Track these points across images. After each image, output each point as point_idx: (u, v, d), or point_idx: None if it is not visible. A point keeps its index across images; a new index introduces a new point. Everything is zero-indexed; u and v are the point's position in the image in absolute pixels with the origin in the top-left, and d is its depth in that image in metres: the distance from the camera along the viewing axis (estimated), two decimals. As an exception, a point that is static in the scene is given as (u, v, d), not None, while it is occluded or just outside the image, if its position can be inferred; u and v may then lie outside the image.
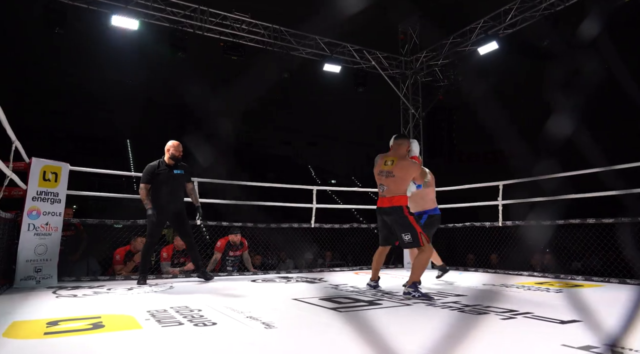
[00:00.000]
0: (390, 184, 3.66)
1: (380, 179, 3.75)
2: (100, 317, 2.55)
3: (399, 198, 3.62)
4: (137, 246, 5.26)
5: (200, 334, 2.12)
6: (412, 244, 3.54)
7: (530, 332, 2.21)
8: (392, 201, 3.64)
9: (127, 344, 1.97)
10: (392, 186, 3.66)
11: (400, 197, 3.63)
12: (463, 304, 3.02)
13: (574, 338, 1.98)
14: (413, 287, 3.40)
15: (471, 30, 8.46)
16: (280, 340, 2.06)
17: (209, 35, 7.93)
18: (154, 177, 4.50)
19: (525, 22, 7.58)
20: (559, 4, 7.01)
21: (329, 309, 2.86)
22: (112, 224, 5.15)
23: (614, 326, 2.22)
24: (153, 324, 2.35)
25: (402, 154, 3.74)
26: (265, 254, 6.73)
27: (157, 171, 4.51)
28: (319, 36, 8.73)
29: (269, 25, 8.28)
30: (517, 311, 2.71)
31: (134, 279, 4.91)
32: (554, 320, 2.41)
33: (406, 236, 3.54)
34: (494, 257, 6.31)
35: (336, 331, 2.25)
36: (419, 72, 9.80)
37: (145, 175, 4.52)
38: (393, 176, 3.65)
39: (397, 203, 3.61)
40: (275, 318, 2.51)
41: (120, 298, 3.41)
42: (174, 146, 4.63)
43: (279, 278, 5.20)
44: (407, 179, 3.67)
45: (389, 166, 3.69)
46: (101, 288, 4.05)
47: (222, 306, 2.92)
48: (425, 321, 2.57)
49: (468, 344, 1.90)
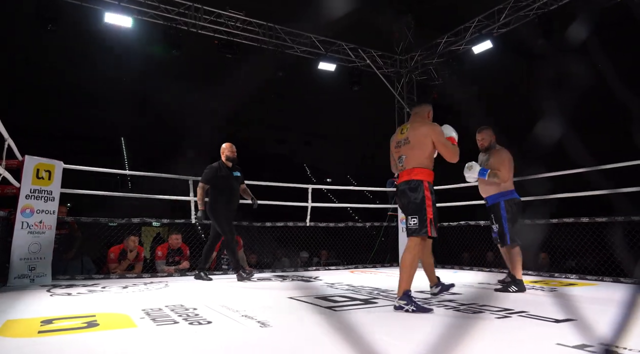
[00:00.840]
0: (408, 151, 2.94)
1: (397, 152, 3.02)
2: (94, 316, 2.53)
3: (419, 170, 2.88)
4: (130, 245, 5.23)
5: (196, 333, 2.12)
6: (415, 231, 2.82)
7: (525, 331, 2.22)
8: (411, 173, 2.90)
9: (122, 342, 1.96)
10: (409, 154, 2.93)
11: (422, 169, 2.88)
12: (458, 303, 3.03)
13: (569, 336, 1.99)
14: (405, 299, 2.67)
15: (465, 29, 8.49)
16: (276, 339, 2.06)
17: (203, 33, 7.90)
18: (215, 179, 4.66)
19: (519, 21, 7.62)
20: (552, 4, 7.05)
21: (325, 307, 2.86)
22: (106, 222, 5.13)
23: (609, 325, 2.24)
24: (148, 322, 2.34)
25: (420, 119, 3.07)
26: (260, 252, 6.73)
27: (218, 174, 4.68)
28: (313, 34, 8.72)
29: (263, 23, 8.26)
30: (512, 310, 2.73)
31: (128, 277, 4.90)
32: (549, 319, 2.43)
33: (412, 219, 2.84)
34: (490, 255, 6.34)
35: (332, 330, 2.25)
36: (414, 70, 9.82)
37: (205, 176, 4.68)
38: (409, 142, 2.94)
39: (418, 176, 2.87)
40: (271, 316, 2.51)
41: (115, 297, 3.39)
42: (228, 148, 4.79)
43: (275, 277, 5.20)
44: (425, 142, 2.89)
45: (404, 133, 3.00)
46: (95, 287, 4.03)
47: (217, 305, 2.91)
48: (420, 319, 2.58)
49: (463, 343, 1.90)
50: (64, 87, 16.11)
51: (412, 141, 2.93)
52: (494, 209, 3.82)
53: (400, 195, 2.99)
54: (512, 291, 3.55)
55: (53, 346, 1.89)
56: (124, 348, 1.89)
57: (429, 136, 2.90)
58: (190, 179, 5.51)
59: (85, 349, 1.85)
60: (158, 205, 5.73)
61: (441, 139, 2.91)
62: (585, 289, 3.95)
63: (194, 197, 5.47)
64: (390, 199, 7.08)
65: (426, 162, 2.92)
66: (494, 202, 3.82)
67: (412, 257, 2.79)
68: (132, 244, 5.26)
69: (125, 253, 5.24)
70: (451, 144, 2.98)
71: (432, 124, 2.99)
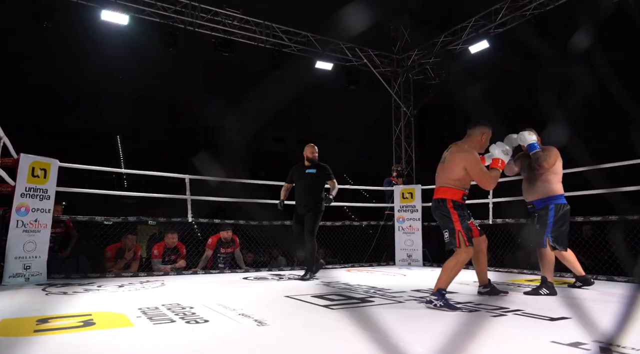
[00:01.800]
0: (440, 172, 3.14)
1: (439, 167, 3.20)
2: (90, 314, 2.53)
3: (444, 190, 3.06)
4: (127, 244, 5.22)
5: (192, 332, 2.12)
6: (448, 245, 3.01)
7: (521, 329, 2.24)
8: (438, 192, 3.10)
9: (118, 341, 1.96)
10: (440, 174, 3.13)
11: (447, 189, 3.04)
12: (454, 301, 3.04)
13: (564, 334, 2.01)
14: (437, 295, 2.82)
15: (462, 29, 8.50)
16: (273, 337, 2.06)
17: (200, 31, 7.87)
18: (290, 177, 5.03)
19: (515, 21, 7.64)
20: (549, 4, 7.08)
21: (321, 306, 2.87)
22: (102, 221, 5.11)
23: (603, 323, 2.26)
24: (144, 321, 2.34)
25: (470, 143, 3.13)
26: (257, 251, 6.72)
27: (292, 171, 5.05)
28: (310, 33, 8.71)
29: (260, 21, 8.24)
30: (507, 308, 2.74)
31: (124, 276, 4.89)
32: (544, 317, 2.44)
33: (445, 232, 3.02)
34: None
35: (328, 328, 2.25)
36: (411, 70, 9.83)
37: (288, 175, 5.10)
38: (444, 162, 3.12)
39: (442, 195, 3.06)
40: (268, 315, 2.51)
41: (111, 295, 3.39)
42: (306, 148, 5.03)
43: (271, 275, 5.20)
44: (455, 169, 3.02)
45: (447, 151, 3.16)
46: (91, 285, 4.02)
47: (214, 304, 2.91)
48: (416, 318, 2.59)
49: (460, 341, 1.91)
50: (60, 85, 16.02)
51: (447, 162, 3.08)
52: (541, 210, 3.54)
53: (432, 211, 3.19)
54: (543, 294, 3.39)
55: (49, 345, 1.88)
56: (120, 346, 1.89)
57: (461, 164, 3.00)
58: (187, 178, 5.50)
59: (82, 348, 1.85)
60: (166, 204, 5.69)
61: (475, 169, 2.98)
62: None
63: (190, 196, 5.46)
64: (388, 198, 7.09)
65: (453, 183, 3.04)
66: (543, 205, 3.53)
67: (455, 262, 2.93)
68: (130, 243, 5.24)
69: (123, 252, 5.23)
70: (487, 172, 3.03)
71: (469, 152, 3.03)
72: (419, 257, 6.47)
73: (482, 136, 3.13)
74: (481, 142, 3.13)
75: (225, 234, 5.71)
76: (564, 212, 3.47)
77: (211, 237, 5.73)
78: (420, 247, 6.48)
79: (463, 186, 3.06)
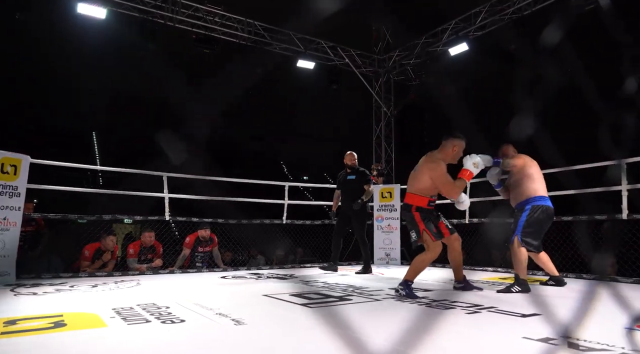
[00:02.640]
0: (410, 179, 3.43)
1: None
2: (62, 315, 2.46)
3: (412, 196, 3.36)
4: (107, 245, 5.10)
5: (169, 332, 2.09)
6: (414, 243, 3.36)
7: (494, 326, 2.28)
8: (406, 197, 3.43)
9: (91, 342, 1.92)
10: (410, 181, 3.42)
11: (414, 196, 3.34)
12: (430, 299, 3.09)
13: (534, 330, 2.06)
14: (403, 284, 3.19)
15: (442, 31, 8.62)
16: (251, 336, 2.05)
17: (181, 27, 7.76)
18: (338, 184, 5.47)
19: (494, 25, 7.79)
20: (526, 9, 7.24)
21: (300, 305, 2.87)
22: (76, 219, 4.98)
23: (571, 319, 2.33)
24: (118, 322, 2.29)
25: (441, 154, 3.37)
26: (235, 250, 6.67)
27: (338, 179, 5.49)
28: (292, 32, 8.69)
29: (242, 19, 8.18)
30: (481, 305, 2.80)
31: (98, 276, 4.78)
32: (516, 314, 2.50)
33: (412, 233, 3.35)
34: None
35: (307, 327, 2.26)
36: (392, 70, 9.91)
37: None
38: (416, 170, 3.41)
39: (409, 201, 3.37)
40: (246, 314, 2.50)
41: (84, 296, 3.31)
42: (345, 156, 5.43)
43: (250, 274, 5.17)
44: (422, 178, 3.32)
45: (421, 160, 3.44)
46: (63, 285, 3.92)
47: (190, 303, 2.88)
48: (393, 315, 2.62)
49: (435, 337, 1.94)
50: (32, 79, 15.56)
51: (417, 171, 3.38)
52: (517, 212, 3.62)
53: (401, 212, 3.67)
54: (515, 291, 3.42)
55: (17, 347, 1.83)
56: (93, 348, 1.85)
57: (428, 174, 3.29)
58: (165, 176, 5.42)
59: (52, 350, 1.80)
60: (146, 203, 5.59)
61: (440, 179, 3.25)
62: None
63: (168, 194, 5.38)
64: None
65: (420, 191, 3.33)
66: (520, 207, 3.60)
67: (422, 258, 3.27)
68: (111, 244, 5.11)
69: (100, 252, 5.09)
70: (452, 182, 3.27)
71: (437, 163, 3.28)
72: (397, 256, 6.53)
73: (454, 148, 3.35)
74: (452, 153, 3.35)
75: (203, 233, 5.65)
76: (540, 213, 3.48)
77: (189, 236, 5.66)
78: (398, 246, 6.54)
79: (429, 193, 3.34)
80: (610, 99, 1.06)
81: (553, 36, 2.18)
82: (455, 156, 3.37)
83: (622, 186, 4.37)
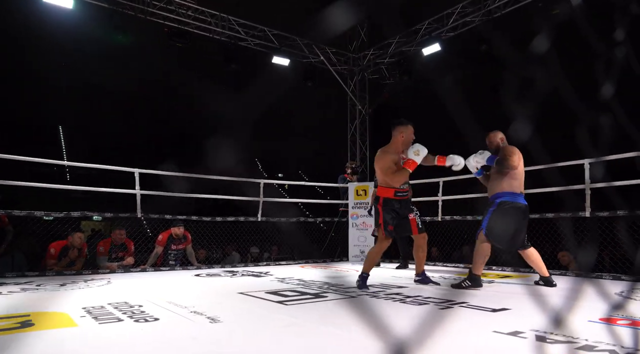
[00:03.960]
0: (376, 171, 3.70)
1: None
2: (29, 315, 2.38)
3: (380, 188, 3.64)
4: (75, 242, 4.94)
5: (142, 330, 2.05)
6: (373, 233, 3.74)
7: (465, 320, 2.35)
8: (377, 191, 3.69)
9: (60, 342, 1.86)
10: (376, 173, 3.68)
11: (381, 188, 3.63)
12: (405, 295, 3.15)
13: (504, 324, 2.14)
14: (360, 277, 3.54)
15: (416, 31, 8.74)
16: (226, 334, 2.04)
17: (152, 19, 7.57)
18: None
19: (466, 26, 7.96)
20: (496, 12, 7.43)
21: (276, 302, 2.87)
22: (42, 216, 4.81)
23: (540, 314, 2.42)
24: (89, 321, 2.24)
25: (392, 145, 3.62)
26: (209, 248, 6.59)
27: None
28: (267, 27, 8.62)
29: (216, 13, 8.05)
30: (454, 301, 2.87)
31: (66, 275, 4.64)
32: (486, 309, 2.59)
33: (373, 224, 3.75)
34: (434, 251, 6.61)
35: (283, 324, 2.26)
36: (366, 69, 9.98)
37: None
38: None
39: (378, 193, 3.66)
40: (221, 312, 2.48)
41: (52, 295, 3.21)
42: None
43: (224, 272, 5.13)
44: (377, 171, 3.62)
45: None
46: (29, 285, 3.78)
47: (164, 302, 2.84)
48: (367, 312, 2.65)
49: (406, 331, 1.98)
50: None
51: (375, 163, 3.63)
52: (487, 205, 3.62)
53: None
54: (465, 286, 3.48)
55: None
56: (63, 347, 1.80)
57: (377, 165, 3.59)
58: (136, 172, 5.30)
59: (19, 351, 1.74)
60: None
61: (384, 169, 3.53)
62: (519, 280, 4.23)
63: (140, 191, 5.27)
64: (342, 194, 7.18)
65: (384, 182, 3.58)
66: (491, 201, 3.60)
67: (372, 250, 3.69)
68: (78, 241, 4.95)
69: (67, 250, 4.93)
70: (394, 171, 3.51)
71: (382, 154, 3.57)
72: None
73: (401, 135, 3.56)
74: (402, 140, 3.56)
75: (176, 230, 5.56)
76: (509, 209, 3.46)
77: (162, 234, 5.56)
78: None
79: (394, 181, 3.55)
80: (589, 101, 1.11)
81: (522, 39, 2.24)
82: (406, 142, 3.56)
83: (586, 184, 4.56)
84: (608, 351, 1.65)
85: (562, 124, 4.49)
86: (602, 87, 1.11)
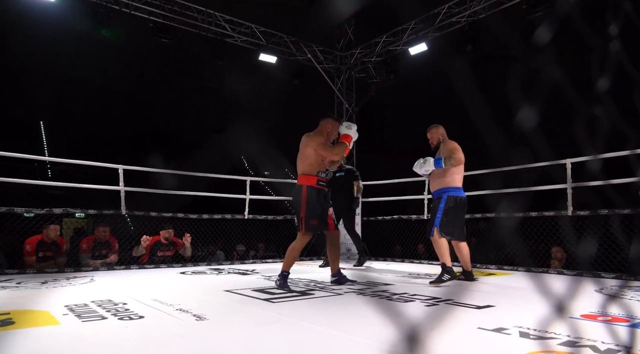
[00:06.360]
0: (297, 161, 3.53)
1: None
2: (9, 313, 2.33)
3: (301, 177, 3.46)
4: (50, 235, 4.84)
5: (126, 328, 2.03)
6: (297, 227, 3.46)
7: (451, 317, 2.38)
8: (298, 179, 3.50)
9: (43, 340, 1.83)
10: (298, 164, 3.52)
11: (303, 176, 3.45)
12: (391, 292, 3.17)
13: (488, 321, 2.17)
14: (280, 276, 3.37)
15: (403, 31, 8.79)
16: (213, 332, 2.03)
17: (137, 14, 7.45)
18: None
19: (452, 27, 8.04)
20: (482, 13, 7.52)
21: (262, 300, 2.87)
22: (22, 213, 4.70)
23: (523, 310, 2.47)
24: (72, 319, 2.20)
25: (317, 131, 3.55)
26: (195, 245, 6.53)
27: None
28: (254, 24, 8.57)
29: (202, 9, 7.97)
30: (439, 298, 2.90)
31: (48, 272, 4.55)
32: (471, 305, 2.62)
33: (295, 217, 3.54)
34: (421, 248, 6.68)
35: (270, 321, 2.26)
36: (353, 68, 10.00)
37: None
38: (300, 151, 3.52)
39: (299, 181, 3.46)
40: (207, 309, 2.46)
41: (33, 293, 3.14)
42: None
43: (210, 270, 5.09)
44: (306, 152, 3.45)
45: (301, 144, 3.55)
46: (9, 282, 3.70)
47: (149, 299, 2.80)
48: (355, 310, 2.67)
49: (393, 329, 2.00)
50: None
51: (300, 151, 3.49)
52: (435, 201, 3.79)
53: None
54: (446, 280, 3.59)
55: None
56: (45, 345, 1.76)
57: (310, 145, 3.42)
58: (120, 168, 5.22)
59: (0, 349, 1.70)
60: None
61: (320, 146, 3.40)
62: (503, 278, 4.30)
63: (124, 187, 5.19)
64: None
65: (308, 169, 3.43)
66: (438, 196, 3.77)
67: (292, 246, 3.44)
68: (53, 234, 4.85)
69: (44, 244, 4.83)
70: (332, 146, 3.45)
71: (315, 135, 3.48)
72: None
73: (327, 126, 3.56)
74: (327, 131, 3.55)
75: (165, 234, 5.46)
76: (456, 203, 3.68)
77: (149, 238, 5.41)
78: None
79: (316, 169, 3.44)
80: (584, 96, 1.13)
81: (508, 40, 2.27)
82: (330, 134, 3.56)
83: (567, 184, 4.65)
84: (589, 347, 1.68)
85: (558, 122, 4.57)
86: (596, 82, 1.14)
